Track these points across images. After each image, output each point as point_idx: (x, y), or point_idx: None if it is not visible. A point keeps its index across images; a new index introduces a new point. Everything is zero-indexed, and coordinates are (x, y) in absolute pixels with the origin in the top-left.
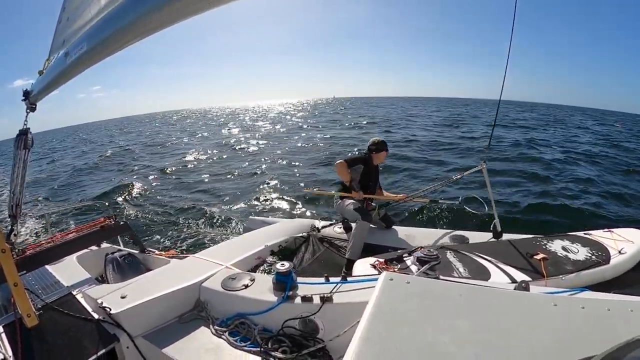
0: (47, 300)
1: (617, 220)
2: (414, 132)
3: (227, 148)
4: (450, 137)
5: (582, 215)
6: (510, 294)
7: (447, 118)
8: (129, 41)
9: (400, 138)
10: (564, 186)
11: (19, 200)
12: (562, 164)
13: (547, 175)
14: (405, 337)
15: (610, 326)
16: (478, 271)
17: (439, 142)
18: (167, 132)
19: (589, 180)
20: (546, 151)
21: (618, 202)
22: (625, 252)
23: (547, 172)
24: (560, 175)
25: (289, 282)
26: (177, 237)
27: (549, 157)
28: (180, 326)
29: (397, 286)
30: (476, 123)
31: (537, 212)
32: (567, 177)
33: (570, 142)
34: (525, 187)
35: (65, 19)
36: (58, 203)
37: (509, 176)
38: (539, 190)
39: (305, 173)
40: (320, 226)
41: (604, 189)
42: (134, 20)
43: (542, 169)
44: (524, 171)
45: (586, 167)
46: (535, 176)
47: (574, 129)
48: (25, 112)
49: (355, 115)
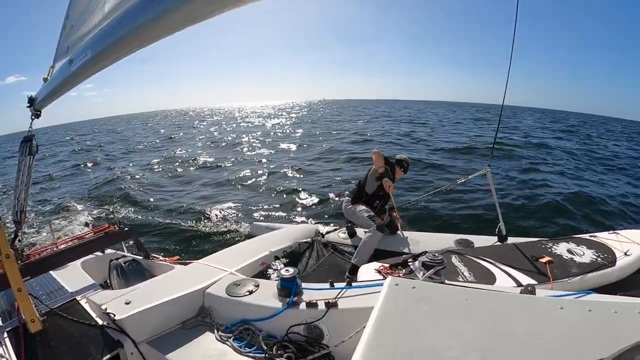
0: (52, 306)
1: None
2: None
3: (228, 151)
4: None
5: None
6: (516, 298)
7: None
8: (134, 48)
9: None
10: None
11: (23, 206)
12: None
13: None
14: (411, 342)
15: (618, 329)
16: (483, 275)
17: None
18: (153, 133)
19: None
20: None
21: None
22: (631, 253)
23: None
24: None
25: (293, 288)
26: (181, 243)
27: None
28: (184, 332)
29: (402, 291)
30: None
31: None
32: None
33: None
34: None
35: (69, 27)
36: (62, 208)
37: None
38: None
39: (310, 176)
40: (324, 231)
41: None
42: (139, 27)
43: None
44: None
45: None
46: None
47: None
48: (30, 119)
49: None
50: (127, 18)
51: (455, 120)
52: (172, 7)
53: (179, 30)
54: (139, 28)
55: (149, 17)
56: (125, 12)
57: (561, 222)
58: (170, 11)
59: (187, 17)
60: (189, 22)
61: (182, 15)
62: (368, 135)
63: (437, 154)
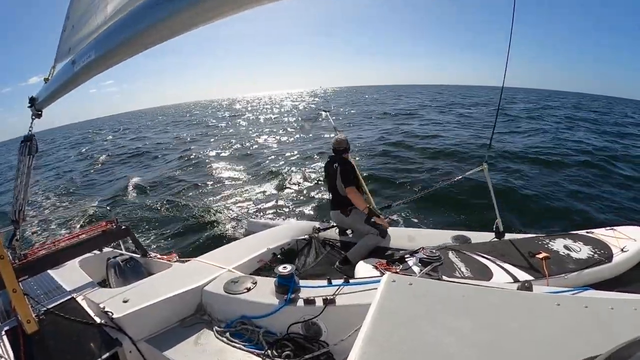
0: (49, 305)
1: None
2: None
3: (227, 149)
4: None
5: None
6: (513, 294)
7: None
8: (140, 49)
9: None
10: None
11: (22, 206)
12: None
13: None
14: (409, 338)
15: (614, 325)
16: (480, 271)
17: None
18: (159, 132)
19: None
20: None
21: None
22: (628, 250)
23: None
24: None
25: (291, 285)
26: (178, 241)
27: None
28: (182, 330)
29: (399, 288)
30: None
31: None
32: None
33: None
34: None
35: (70, 27)
36: (60, 207)
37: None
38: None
39: (307, 170)
40: (322, 228)
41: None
42: (146, 28)
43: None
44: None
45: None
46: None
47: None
48: (31, 119)
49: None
50: (133, 19)
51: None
52: (181, 7)
53: (186, 31)
54: (147, 29)
55: (158, 18)
56: (131, 13)
57: (559, 218)
58: (180, 11)
59: (197, 18)
60: (197, 24)
61: (192, 16)
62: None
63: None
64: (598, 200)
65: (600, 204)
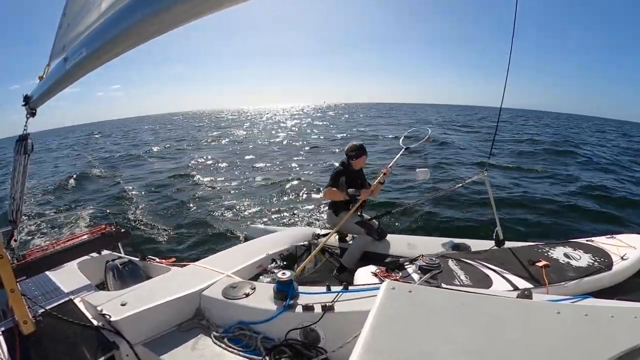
0: (47, 307)
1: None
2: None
3: (227, 154)
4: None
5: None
6: (513, 302)
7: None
8: (129, 46)
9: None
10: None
11: (19, 206)
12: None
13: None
14: (408, 346)
15: (615, 333)
16: (480, 279)
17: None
18: (161, 136)
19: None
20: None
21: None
22: (628, 257)
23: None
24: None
25: (290, 291)
26: (177, 245)
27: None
28: (180, 334)
29: (399, 295)
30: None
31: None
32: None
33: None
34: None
35: (65, 25)
36: (59, 209)
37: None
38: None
39: (307, 178)
40: (321, 234)
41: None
42: (134, 25)
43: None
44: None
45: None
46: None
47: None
48: (25, 118)
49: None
50: (122, 16)
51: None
52: (168, 4)
53: (176, 26)
54: (134, 25)
55: (145, 15)
56: (120, 10)
57: (559, 225)
58: (167, 8)
59: (184, 14)
60: (187, 19)
61: (178, 12)
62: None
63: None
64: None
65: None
